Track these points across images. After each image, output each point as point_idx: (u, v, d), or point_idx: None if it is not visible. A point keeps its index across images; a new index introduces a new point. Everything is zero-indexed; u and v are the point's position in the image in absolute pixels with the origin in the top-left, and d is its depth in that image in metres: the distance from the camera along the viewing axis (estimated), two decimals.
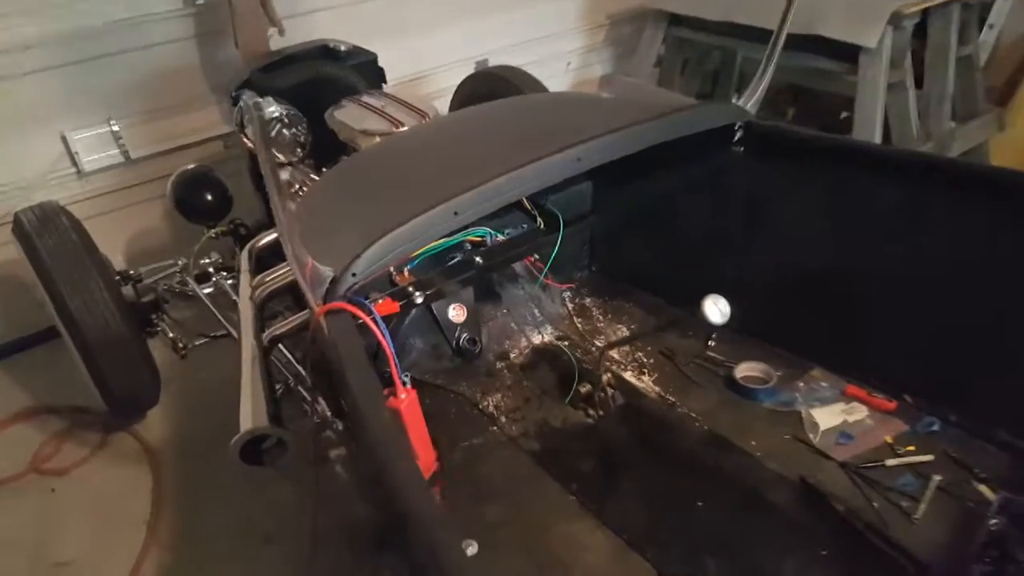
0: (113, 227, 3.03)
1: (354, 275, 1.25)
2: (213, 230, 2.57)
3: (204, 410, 2.54)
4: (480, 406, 1.78)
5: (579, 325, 2.05)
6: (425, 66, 3.68)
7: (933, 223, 1.55)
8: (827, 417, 1.66)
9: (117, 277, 2.37)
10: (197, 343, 2.48)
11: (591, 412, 1.73)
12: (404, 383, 1.32)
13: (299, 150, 2.23)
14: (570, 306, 2.12)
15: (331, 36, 2.92)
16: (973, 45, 3.68)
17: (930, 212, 1.56)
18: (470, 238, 1.70)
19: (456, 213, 1.31)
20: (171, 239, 3.17)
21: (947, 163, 1.89)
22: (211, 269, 2.58)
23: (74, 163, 2.87)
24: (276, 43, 2.83)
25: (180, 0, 2.84)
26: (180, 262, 2.58)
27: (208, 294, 2.54)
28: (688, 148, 1.65)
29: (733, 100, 1.74)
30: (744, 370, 1.81)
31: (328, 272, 1.26)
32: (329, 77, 2.38)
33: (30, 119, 2.70)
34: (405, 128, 1.98)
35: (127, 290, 2.36)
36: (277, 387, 1.95)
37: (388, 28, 3.40)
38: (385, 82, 2.67)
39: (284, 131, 2.19)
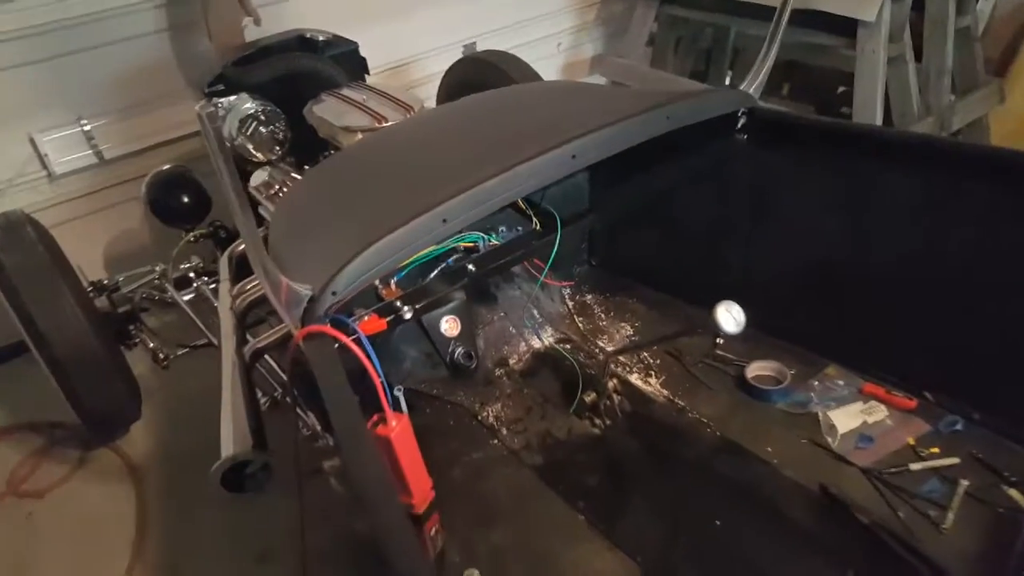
0: (88, 232, 2.91)
1: (334, 294, 1.15)
2: (192, 233, 2.45)
3: (189, 421, 2.42)
4: (479, 417, 1.68)
5: (580, 325, 1.96)
6: (410, 52, 3.54)
7: (954, 211, 1.45)
8: (845, 419, 1.57)
9: (90, 288, 2.25)
10: (180, 352, 2.37)
11: (597, 421, 1.64)
12: (396, 402, 1.23)
13: (277, 148, 2.11)
14: (570, 304, 2.02)
15: (310, 23, 2.79)
16: (971, 16, 3.57)
17: (951, 200, 1.46)
18: (461, 244, 1.59)
19: (445, 220, 1.20)
20: (152, 242, 3.05)
21: (970, 148, 1.80)
22: (191, 274, 2.46)
23: (44, 166, 2.74)
24: (252, 33, 2.69)
25: None
26: (158, 268, 2.46)
27: (189, 300, 2.43)
28: (688, 137, 1.55)
29: (740, 86, 1.63)
30: (755, 369, 1.72)
31: (306, 291, 1.15)
32: (307, 70, 2.25)
33: None
34: (388, 124, 1.86)
35: (101, 301, 2.24)
36: (262, 400, 1.85)
37: (370, 13, 3.26)
38: (368, 72, 2.54)
39: (261, 128, 2.06)
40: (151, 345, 2.37)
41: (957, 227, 1.44)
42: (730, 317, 1.62)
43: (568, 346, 1.84)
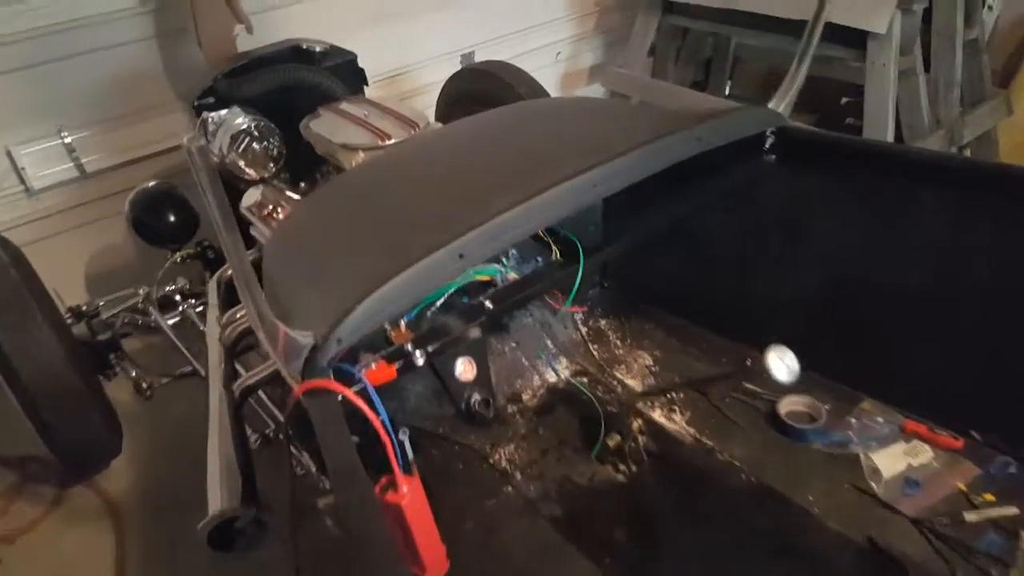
0: (69, 250, 2.76)
1: (339, 342, 1.02)
2: (178, 254, 2.31)
3: (174, 454, 2.26)
4: (491, 460, 1.55)
5: (596, 353, 1.83)
6: (406, 61, 3.42)
7: (997, 235, 1.35)
8: (889, 461, 1.46)
9: (68, 314, 2.10)
10: (164, 382, 2.22)
11: (621, 467, 1.51)
12: (402, 447, 1.10)
13: (271, 165, 1.97)
14: (584, 330, 1.90)
15: (302, 31, 2.66)
16: (979, 28, 3.51)
17: (995, 224, 1.36)
18: (477, 278, 1.45)
19: (462, 256, 1.08)
20: (136, 260, 2.89)
21: (1018, 172, 1.70)
22: (177, 297, 2.32)
23: (21, 180, 2.59)
24: (244, 43, 2.56)
25: None
26: (142, 291, 2.31)
27: (174, 325, 2.28)
28: (713, 157, 1.44)
29: (770, 104, 1.52)
30: (788, 405, 1.60)
31: (307, 340, 1.02)
32: (303, 82, 2.10)
33: None
34: (391, 142, 1.73)
35: (79, 328, 2.09)
36: (253, 438, 1.71)
37: (364, 21, 3.14)
38: (367, 84, 2.41)
39: (254, 145, 1.92)
40: (133, 374, 2.22)
41: (1005, 254, 1.34)
42: (782, 365, 1.48)
43: (585, 379, 1.71)
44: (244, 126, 1.87)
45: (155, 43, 2.69)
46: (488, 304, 1.31)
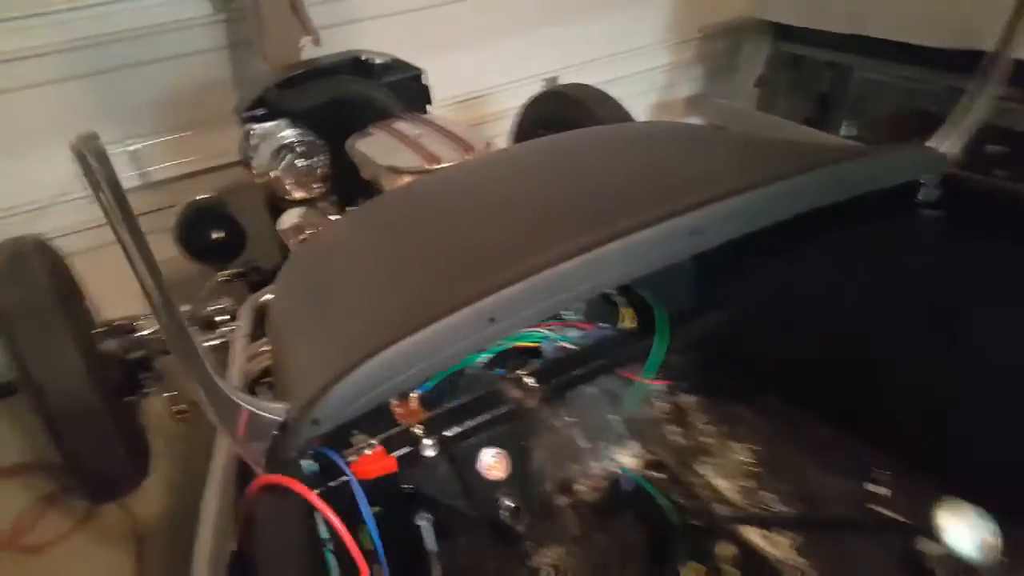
0: (125, 262, 2.68)
1: (316, 423, 0.75)
2: (222, 273, 2.15)
3: (202, 483, 2.11)
4: (531, 564, 1.23)
5: (677, 441, 1.48)
6: (484, 85, 3.23)
7: None
8: None
9: (101, 329, 1.97)
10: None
11: None
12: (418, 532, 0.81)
13: (316, 186, 1.77)
14: (664, 408, 1.55)
15: (378, 48, 2.50)
16: None
17: None
18: (517, 344, 1.15)
19: (493, 320, 0.79)
20: (197, 277, 2.81)
21: None
22: (218, 318, 2.16)
23: (85, 186, 2.54)
24: (310, 55, 2.42)
25: (210, 5, 2.49)
26: (185, 308, 2.17)
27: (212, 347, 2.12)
28: (849, 207, 1.09)
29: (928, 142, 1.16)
30: (936, 547, 1.18)
31: (275, 416, 0.76)
32: (357, 97, 1.91)
33: (37, 136, 2.39)
34: (440, 166, 1.47)
35: (109, 344, 1.95)
36: None
37: (444, 40, 2.97)
38: (429, 103, 2.20)
39: (297, 162, 1.73)
40: (166, 395, 2.07)
41: None
42: (963, 531, 0.97)
43: (661, 475, 1.36)
44: (287, 140, 1.67)
45: (227, 54, 2.62)
46: (529, 382, 1.01)
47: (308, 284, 1.12)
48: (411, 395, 1.08)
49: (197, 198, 2.18)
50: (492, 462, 1.11)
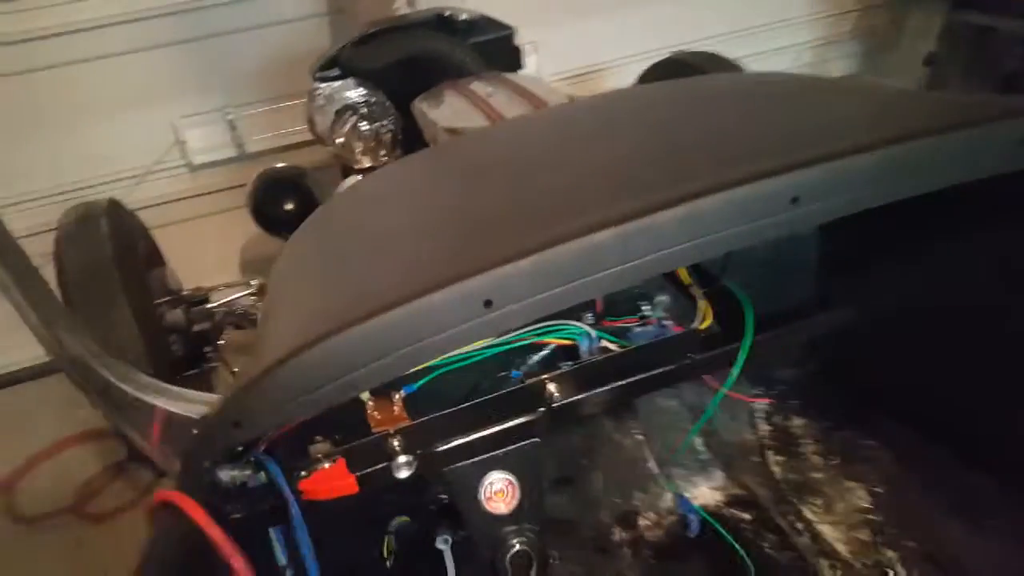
0: (223, 230, 2.67)
1: (238, 426, 0.54)
2: None
3: None
4: None
5: (777, 472, 1.15)
6: (605, 57, 2.95)
7: None
8: None
9: (166, 299, 1.92)
10: None
11: None
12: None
13: (383, 153, 1.58)
14: (765, 431, 1.22)
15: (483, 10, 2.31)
16: None
17: None
18: (547, 340, 0.86)
19: (489, 303, 0.54)
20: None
21: None
22: None
23: (183, 154, 2.55)
24: None
25: None
26: (254, 282, 2.09)
27: None
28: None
29: None
30: None
31: (192, 413, 0.56)
32: (434, 54, 1.69)
33: (137, 103, 2.40)
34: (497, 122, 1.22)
35: (174, 314, 1.88)
36: None
37: (561, 8, 2.72)
38: (521, 66, 1.95)
39: (361, 125, 1.55)
40: (234, 370, 2.00)
41: None
42: None
43: (748, 516, 1.04)
44: (350, 101, 1.50)
45: (326, 21, 2.52)
46: (554, 390, 0.73)
47: (307, 247, 0.92)
48: (395, 396, 0.82)
49: (274, 166, 2.08)
50: (497, 489, 0.81)
